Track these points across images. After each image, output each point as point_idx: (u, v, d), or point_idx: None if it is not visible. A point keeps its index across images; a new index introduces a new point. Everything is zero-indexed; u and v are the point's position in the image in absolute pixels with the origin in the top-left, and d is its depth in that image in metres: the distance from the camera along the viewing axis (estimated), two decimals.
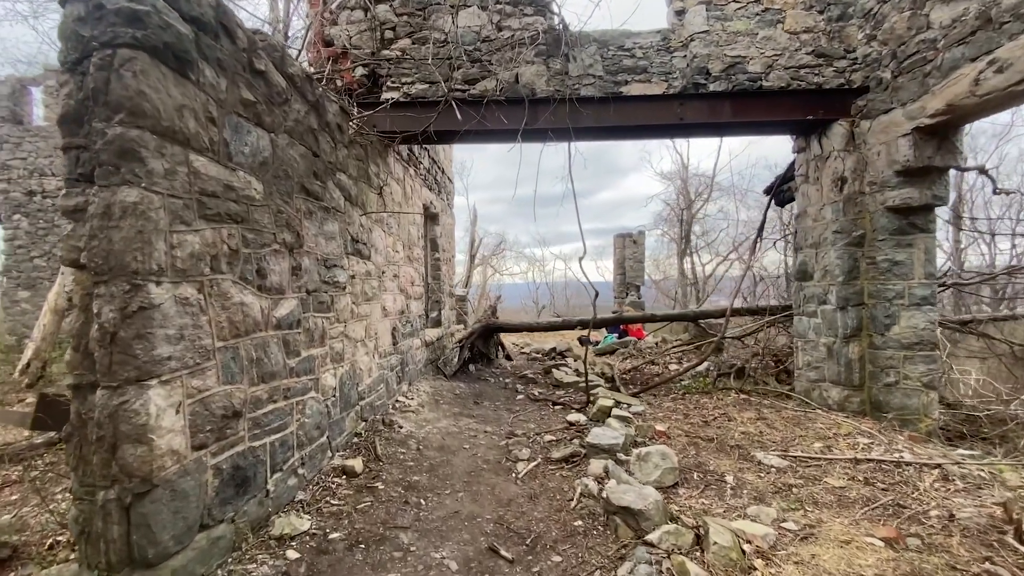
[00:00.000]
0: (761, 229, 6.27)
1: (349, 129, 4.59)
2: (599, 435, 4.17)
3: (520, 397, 6.72)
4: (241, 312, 2.80)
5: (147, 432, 2.12)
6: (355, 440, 4.44)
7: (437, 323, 8.65)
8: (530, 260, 27.83)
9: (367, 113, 4.89)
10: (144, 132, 2.17)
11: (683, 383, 6.72)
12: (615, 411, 5.10)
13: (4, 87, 10.64)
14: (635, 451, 3.78)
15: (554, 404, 6.17)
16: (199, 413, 2.44)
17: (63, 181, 2.27)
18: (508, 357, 9.40)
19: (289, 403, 3.33)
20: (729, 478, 3.70)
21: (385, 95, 5.23)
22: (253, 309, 2.92)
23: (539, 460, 4.25)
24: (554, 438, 4.86)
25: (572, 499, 3.43)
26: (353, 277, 4.59)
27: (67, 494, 3.32)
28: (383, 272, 5.53)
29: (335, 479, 3.72)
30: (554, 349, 9.50)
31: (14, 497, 3.32)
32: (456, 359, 8.22)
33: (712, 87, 5.14)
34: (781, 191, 6.22)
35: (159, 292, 2.21)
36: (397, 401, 5.78)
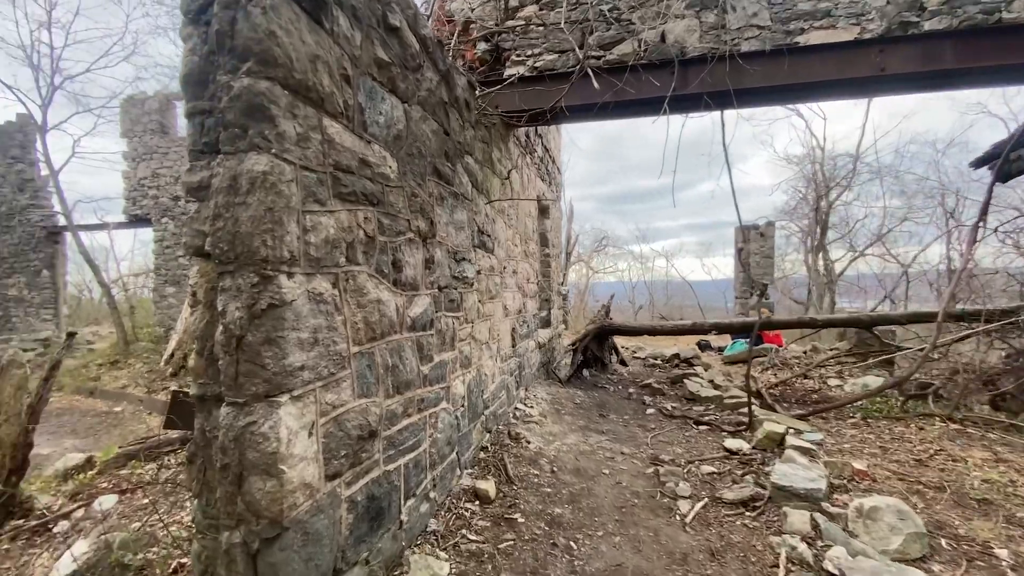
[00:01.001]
0: (984, 212, 4.84)
1: (475, 107, 4.09)
2: (787, 475, 3.26)
3: (651, 411, 5.88)
4: (377, 311, 2.34)
5: (277, 462, 1.68)
6: (482, 456, 3.93)
7: (547, 323, 8.05)
8: (628, 257, 26.28)
9: (492, 90, 4.37)
10: (275, 85, 1.73)
11: (858, 404, 5.46)
12: (790, 439, 4.11)
13: (153, 103, 11.81)
14: (852, 503, 2.85)
15: (696, 423, 5.27)
16: (333, 435, 1.99)
17: (187, 154, 1.92)
18: (623, 362, 8.56)
19: (422, 416, 2.86)
20: (1001, 551, 2.64)
21: (509, 71, 4.69)
22: (389, 307, 2.46)
23: (705, 499, 3.44)
24: (714, 470, 4.00)
25: (777, 566, 2.59)
26: (479, 272, 4.08)
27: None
28: (504, 267, 5.01)
29: (467, 504, 3.21)
30: (677, 356, 8.49)
31: (145, 500, 3.19)
32: (569, 363, 7.56)
33: (928, 26, 3.95)
34: (1009, 162, 4.77)
35: (291, 286, 1.77)
36: (516, 409, 5.23)
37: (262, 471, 1.68)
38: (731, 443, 4.51)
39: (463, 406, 3.60)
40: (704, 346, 10.71)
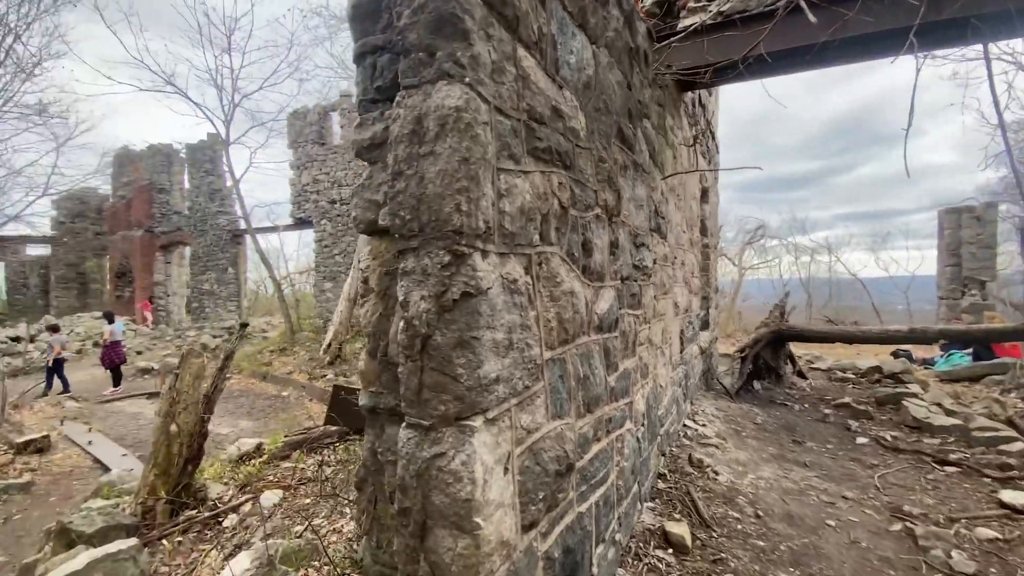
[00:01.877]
0: None
1: (653, 61, 3.41)
2: None
3: (861, 440, 4.65)
4: (571, 306, 1.80)
5: (472, 512, 1.19)
6: (660, 486, 3.24)
7: (706, 325, 7.01)
8: (781, 251, 23.03)
9: (669, 41, 3.64)
10: None
11: None
12: None
13: (313, 115, 12.98)
14: None
15: (941, 463, 3.98)
16: (529, 470, 1.48)
17: (356, 106, 1.55)
18: (801, 374, 7.17)
19: (610, 440, 2.28)
20: None
21: (685, 22, 3.91)
22: (580, 302, 1.91)
23: None
24: (998, 535, 2.84)
25: None
26: (655, 262, 3.40)
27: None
28: (675, 257, 4.24)
29: (657, 551, 2.55)
30: (877, 369, 6.85)
31: (307, 500, 3.06)
32: (736, 373, 6.47)
33: None
34: None
35: (486, 269, 1.28)
36: (686, 427, 4.42)
37: (452, 524, 1.21)
38: (1010, 496, 3.25)
39: (643, 425, 2.95)
40: (902, 355, 8.69)
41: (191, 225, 15.64)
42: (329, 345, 9.63)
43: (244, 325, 3.69)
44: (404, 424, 1.28)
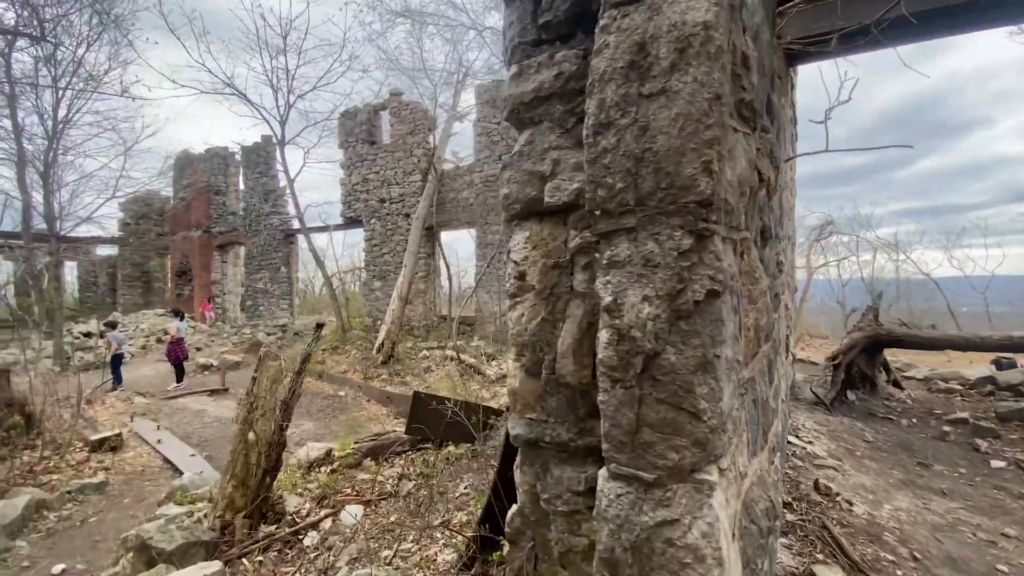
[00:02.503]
0: None
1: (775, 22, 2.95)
2: None
3: (997, 463, 4.01)
4: (765, 308, 1.42)
5: None
6: (789, 517, 2.79)
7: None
8: (844, 248, 21.50)
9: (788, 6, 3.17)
10: None
11: None
12: None
13: (363, 114, 12.96)
14: None
15: None
16: (747, 532, 1.11)
17: (508, 53, 1.21)
18: (897, 384, 6.46)
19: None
20: None
21: None
22: (766, 297, 1.52)
23: None
24: None
25: None
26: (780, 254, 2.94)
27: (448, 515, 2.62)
28: (784, 249, 3.75)
29: None
30: (990, 379, 6.08)
31: (391, 519, 2.78)
32: (829, 382, 5.86)
33: None
34: None
35: (728, 258, 0.92)
36: (790, 443, 3.93)
37: None
38: None
39: (774, 445, 2.52)
40: (1005, 365, 7.77)
41: (245, 225, 16.01)
42: (382, 345, 9.52)
43: (320, 326, 3.50)
44: (607, 473, 0.93)
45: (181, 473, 4.51)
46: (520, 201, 1.16)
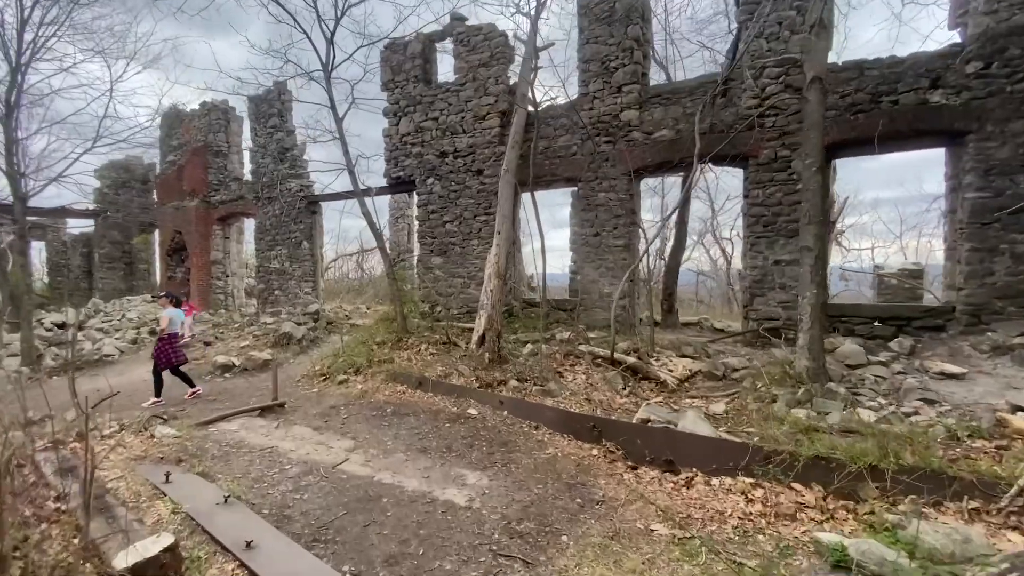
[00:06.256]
0: None
1: None
2: None
3: None
4: None
5: None
6: None
7: None
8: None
9: None
10: None
11: None
12: None
13: (416, 45, 10.23)
14: None
15: None
16: None
17: None
18: None
19: None
20: None
21: None
22: None
23: None
24: None
25: None
26: None
27: None
28: None
29: None
30: None
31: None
32: None
33: None
34: None
35: None
36: None
37: None
38: None
39: None
40: None
41: (255, 192, 13.16)
42: (482, 338, 7.03)
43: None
44: None
45: None
46: None
